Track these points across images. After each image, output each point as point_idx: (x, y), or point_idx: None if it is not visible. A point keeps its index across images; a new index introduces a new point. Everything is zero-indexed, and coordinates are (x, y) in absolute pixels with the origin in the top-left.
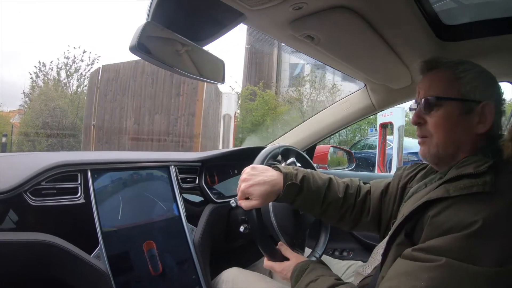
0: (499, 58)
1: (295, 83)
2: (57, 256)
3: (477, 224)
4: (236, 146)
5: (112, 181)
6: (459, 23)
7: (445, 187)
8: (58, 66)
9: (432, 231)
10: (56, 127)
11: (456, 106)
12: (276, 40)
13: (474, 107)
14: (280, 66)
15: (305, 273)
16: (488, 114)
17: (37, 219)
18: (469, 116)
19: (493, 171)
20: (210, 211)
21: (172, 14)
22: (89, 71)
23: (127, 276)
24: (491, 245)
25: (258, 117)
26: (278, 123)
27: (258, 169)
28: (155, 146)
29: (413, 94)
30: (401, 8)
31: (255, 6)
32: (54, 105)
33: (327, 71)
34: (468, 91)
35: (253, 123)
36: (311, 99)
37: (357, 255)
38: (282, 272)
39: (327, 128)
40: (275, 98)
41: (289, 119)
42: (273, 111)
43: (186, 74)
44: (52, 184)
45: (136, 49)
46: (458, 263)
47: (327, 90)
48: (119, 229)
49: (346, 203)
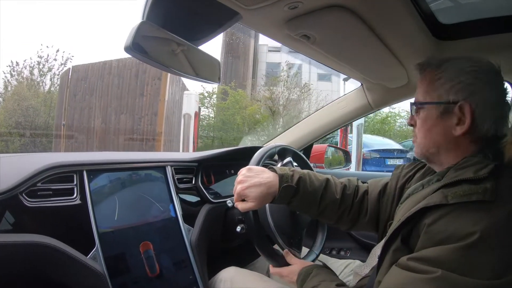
0: (496, 57)
1: (267, 83)
2: (54, 258)
3: (475, 235)
4: (199, 145)
5: (108, 181)
6: (456, 22)
7: (443, 192)
8: (31, 65)
9: (428, 239)
10: (29, 126)
11: (434, 108)
12: (273, 40)
13: (451, 109)
14: (256, 65)
15: (309, 278)
16: (467, 114)
17: (33, 221)
18: (447, 117)
19: (494, 176)
20: (206, 211)
21: (167, 13)
22: (62, 70)
23: (124, 277)
24: (488, 257)
25: (229, 116)
26: (249, 122)
27: (254, 171)
28: (121, 145)
29: (410, 93)
30: (397, 7)
31: (251, 5)
32: (27, 105)
33: (303, 70)
34: (444, 92)
35: (224, 122)
36: (283, 97)
37: (354, 255)
38: (289, 276)
39: (323, 128)
40: (246, 97)
41: (260, 118)
42: (244, 110)
43: (182, 74)
44: (48, 185)
45: (131, 49)
46: (454, 276)
47: (298, 90)
48: (116, 230)
49: (344, 204)
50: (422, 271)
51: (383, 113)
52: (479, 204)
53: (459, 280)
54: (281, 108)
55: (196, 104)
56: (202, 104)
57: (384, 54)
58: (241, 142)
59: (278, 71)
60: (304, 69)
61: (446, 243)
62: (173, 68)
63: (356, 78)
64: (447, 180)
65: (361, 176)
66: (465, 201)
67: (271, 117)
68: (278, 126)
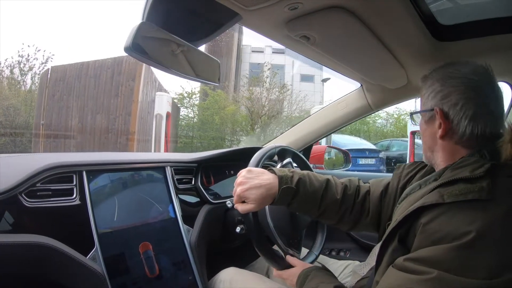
0: (496, 58)
1: (248, 83)
2: (53, 258)
3: (470, 234)
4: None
5: (107, 182)
6: (455, 23)
7: (440, 192)
8: (12, 65)
9: (424, 239)
10: (10, 126)
11: (422, 116)
12: (273, 40)
13: (433, 115)
14: (239, 65)
15: (307, 280)
16: (439, 118)
17: (32, 221)
18: (431, 122)
19: (490, 175)
20: (206, 211)
21: (167, 14)
22: (43, 69)
23: (123, 278)
24: (484, 256)
25: (208, 116)
26: (227, 122)
27: (254, 172)
28: (96, 144)
29: (409, 94)
30: (397, 8)
31: (251, 6)
32: (7, 104)
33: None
34: (425, 100)
35: (203, 122)
36: (262, 98)
37: (354, 255)
38: (289, 278)
39: (323, 128)
40: (226, 98)
41: (239, 118)
42: (222, 110)
43: (182, 74)
44: (47, 185)
45: (131, 49)
46: (449, 276)
47: (277, 90)
48: (115, 230)
49: (345, 205)
50: (418, 272)
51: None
52: (475, 203)
53: (454, 280)
54: (259, 108)
55: (168, 105)
56: (182, 104)
57: (384, 55)
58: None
59: (260, 72)
60: (287, 70)
61: (441, 243)
62: (173, 68)
63: (356, 79)
64: (443, 180)
65: (361, 177)
66: (461, 200)
67: (249, 117)
68: (257, 126)
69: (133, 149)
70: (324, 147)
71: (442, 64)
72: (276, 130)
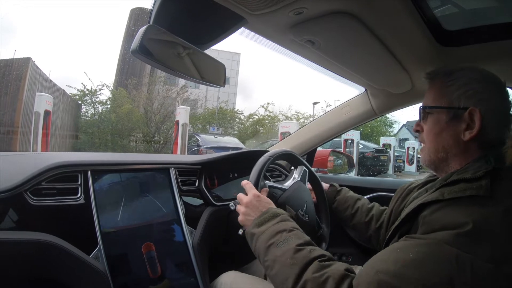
0: (501, 63)
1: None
2: (56, 256)
3: (467, 225)
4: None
5: (112, 182)
6: (460, 28)
7: (441, 191)
8: None
9: (426, 228)
10: None
11: (444, 114)
12: (278, 44)
13: (461, 114)
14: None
15: (275, 220)
16: (476, 120)
17: (37, 219)
18: (456, 122)
19: (491, 176)
20: (209, 213)
21: (174, 17)
22: None
23: (126, 277)
24: (481, 249)
25: (105, 114)
26: (123, 120)
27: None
28: None
29: (413, 99)
30: (401, 14)
31: (256, 11)
32: None
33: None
34: (454, 98)
35: (100, 120)
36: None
37: (356, 260)
38: (248, 207)
39: (327, 132)
40: (125, 96)
41: (133, 117)
42: (119, 108)
43: (187, 77)
44: (52, 184)
45: (138, 51)
46: (449, 247)
47: (175, 90)
48: (118, 230)
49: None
50: (418, 238)
51: (260, 115)
52: (473, 198)
53: (453, 251)
54: (156, 107)
55: (46, 104)
56: (82, 101)
57: (388, 60)
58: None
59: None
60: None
61: (442, 230)
62: (178, 71)
63: (360, 83)
64: (447, 181)
65: (368, 181)
66: (459, 196)
67: (144, 116)
68: (153, 125)
69: (16, 144)
70: (328, 151)
71: (467, 65)
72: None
